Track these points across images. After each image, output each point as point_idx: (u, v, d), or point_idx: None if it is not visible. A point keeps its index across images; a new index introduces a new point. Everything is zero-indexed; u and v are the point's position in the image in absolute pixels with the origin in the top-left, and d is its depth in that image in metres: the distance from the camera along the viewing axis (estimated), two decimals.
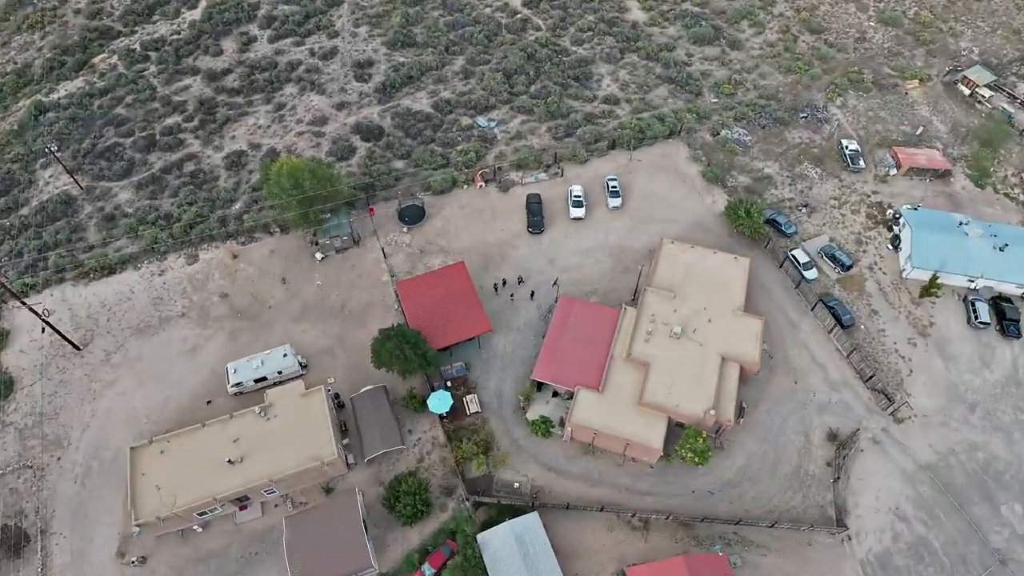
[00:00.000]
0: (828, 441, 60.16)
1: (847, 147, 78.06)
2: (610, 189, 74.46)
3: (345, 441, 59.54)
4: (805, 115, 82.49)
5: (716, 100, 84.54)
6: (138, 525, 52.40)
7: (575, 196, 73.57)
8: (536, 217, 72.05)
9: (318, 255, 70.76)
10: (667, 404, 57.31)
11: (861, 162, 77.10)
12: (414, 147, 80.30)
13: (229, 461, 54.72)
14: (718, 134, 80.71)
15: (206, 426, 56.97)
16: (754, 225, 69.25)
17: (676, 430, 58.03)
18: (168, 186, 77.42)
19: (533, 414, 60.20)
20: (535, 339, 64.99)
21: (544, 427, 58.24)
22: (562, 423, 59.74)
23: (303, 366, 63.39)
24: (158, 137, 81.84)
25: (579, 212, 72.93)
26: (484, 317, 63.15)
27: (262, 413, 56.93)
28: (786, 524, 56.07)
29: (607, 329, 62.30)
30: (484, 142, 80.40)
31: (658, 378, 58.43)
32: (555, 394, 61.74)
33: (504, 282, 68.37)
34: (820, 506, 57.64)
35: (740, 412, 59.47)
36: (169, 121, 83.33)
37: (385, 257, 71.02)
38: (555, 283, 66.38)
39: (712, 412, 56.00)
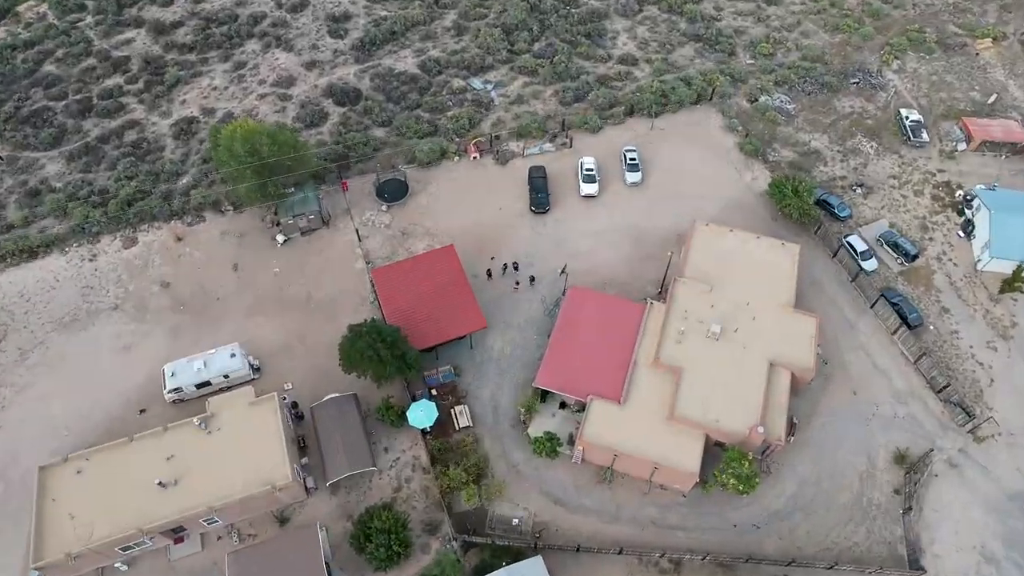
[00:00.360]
0: (895, 464, 52.59)
1: (907, 118, 70.73)
2: (628, 161, 66.96)
3: (304, 460, 51.78)
4: (856, 80, 75.19)
5: (752, 62, 77.25)
6: (37, 568, 44.50)
7: (587, 169, 66.07)
8: (540, 194, 64.50)
9: (279, 237, 63.08)
10: (704, 419, 49.70)
11: (924, 135, 69.74)
12: (396, 113, 72.86)
13: (160, 484, 46.94)
14: (756, 100, 73.41)
15: (134, 440, 49.17)
16: (803, 206, 61.79)
17: (715, 451, 50.42)
18: (105, 157, 69.70)
19: (536, 430, 52.54)
20: (539, 338, 57.42)
21: (549, 446, 50.53)
22: (572, 441, 52.09)
23: (255, 369, 55.66)
24: (95, 101, 74.16)
25: (591, 188, 65.43)
26: (477, 311, 55.56)
27: (202, 425, 49.17)
28: (848, 565, 48.52)
29: (628, 328, 54.72)
30: (479, 107, 72.95)
31: (693, 387, 50.83)
32: (563, 405, 54.09)
33: (505, 267, 60.81)
34: (888, 543, 50.07)
35: (791, 429, 51.88)
36: (109, 82, 75.67)
37: (360, 240, 63.42)
38: (563, 271, 58.73)
39: (760, 429, 48.39)
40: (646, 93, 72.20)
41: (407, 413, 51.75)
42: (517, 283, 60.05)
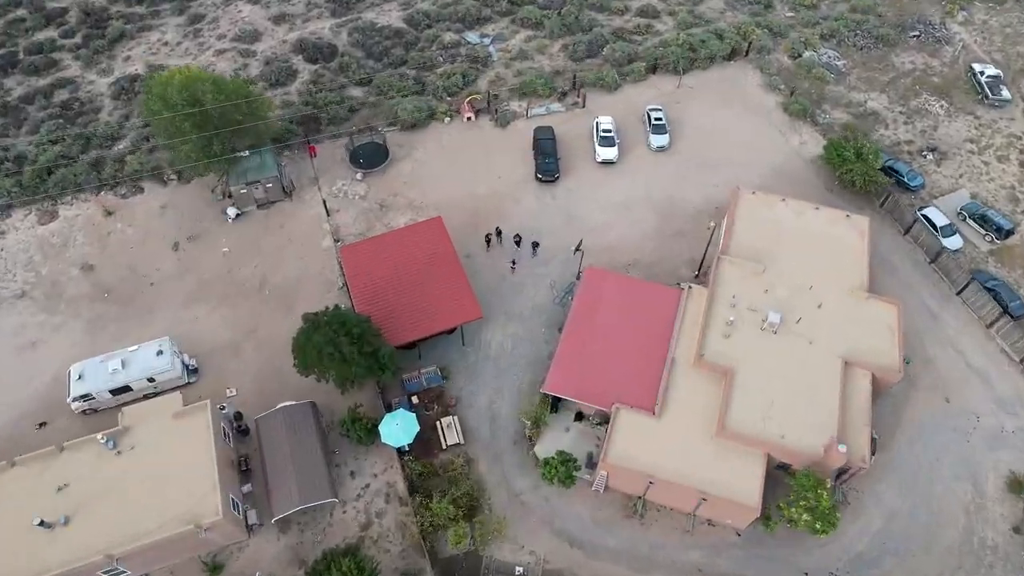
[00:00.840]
0: (1010, 492, 40.61)
1: (981, 73, 59.13)
2: (653, 122, 55.26)
3: (246, 488, 39.75)
4: (916, 33, 63.66)
5: (792, 14, 65.75)
6: None
7: (604, 131, 54.36)
8: (548, 158, 52.73)
9: (230, 211, 51.21)
10: (764, 434, 37.79)
11: (1004, 92, 58.10)
12: (378, 71, 61.23)
13: (42, 523, 34.92)
14: (799, 56, 61.83)
15: (16, 466, 37.16)
16: (868, 172, 50.08)
17: (776, 476, 38.50)
18: (28, 119, 58.00)
19: (546, 449, 40.57)
20: (548, 332, 45.53)
21: (563, 470, 38.50)
22: (592, 463, 40.13)
23: (191, 371, 43.71)
24: (21, 55, 62.54)
25: (610, 153, 53.69)
26: (471, 298, 43.69)
27: (109, 444, 37.22)
28: None
29: (662, 318, 42.84)
30: (475, 63, 61.33)
31: (748, 393, 38.94)
32: (580, 417, 42.12)
33: (518, 240, 49.18)
34: None
35: (872, 446, 39.88)
36: (40, 36, 64.07)
37: (328, 214, 51.60)
38: (577, 248, 46.75)
39: (842, 448, 36.42)
40: (672, 46, 60.54)
41: (379, 427, 39.76)
42: (514, 263, 48.10)
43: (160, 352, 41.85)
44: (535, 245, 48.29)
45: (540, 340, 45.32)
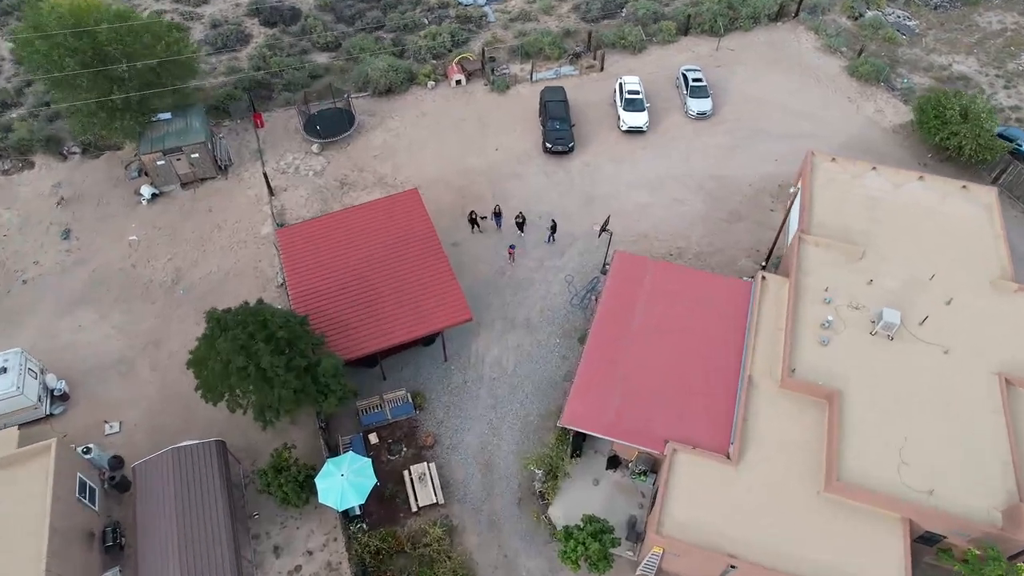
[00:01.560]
0: None
1: None
2: (691, 83, 43.23)
3: (112, 573, 25.94)
4: None
5: None
6: None
7: (630, 93, 42.27)
8: (560, 126, 40.46)
9: (145, 191, 38.66)
10: (901, 490, 24.38)
11: None
12: (349, 35, 49.61)
13: None
14: (861, 16, 50.40)
15: None
16: (980, 136, 37.78)
17: (917, 551, 24.95)
18: None
19: (566, 511, 27.06)
20: (564, 343, 32.49)
21: (594, 546, 24.70)
22: (637, 534, 26.53)
23: (58, 396, 30.36)
24: None
25: (638, 119, 41.50)
26: (457, 295, 30.74)
27: None
28: None
29: (726, 320, 29.88)
30: (467, 24, 49.77)
31: (867, 427, 25.75)
32: (615, 463, 28.65)
33: (521, 221, 36.45)
34: None
35: None
36: None
37: (271, 193, 39.00)
38: (603, 228, 33.83)
39: None
40: (707, 3, 49.09)
41: (316, 479, 26.21)
42: (512, 248, 35.39)
43: (5, 369, 28.53)
44: (552, 228, 35.52)
45: (554, 354, 32.21)
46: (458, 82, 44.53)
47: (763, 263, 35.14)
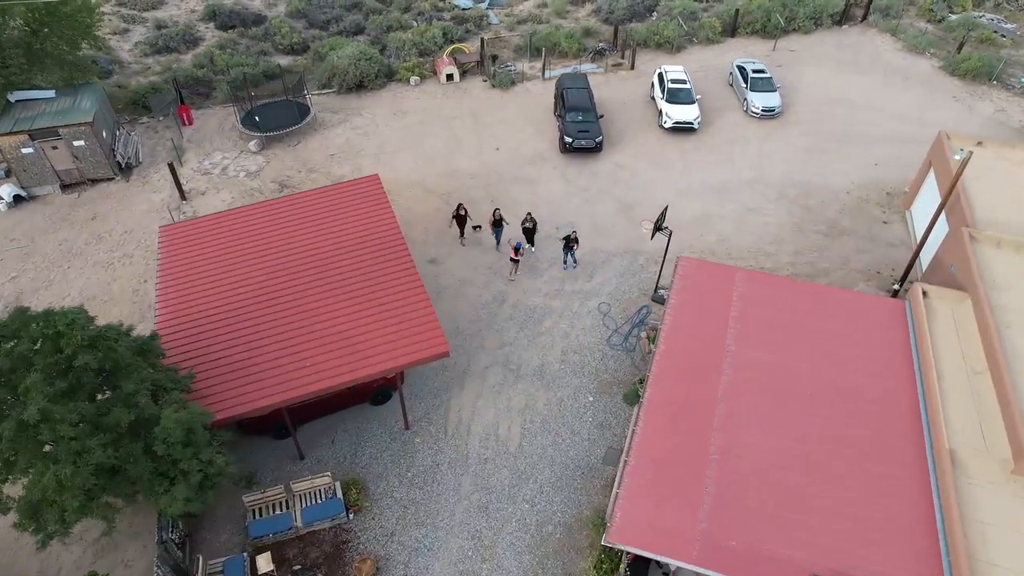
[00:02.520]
0: None
1: None
2: (752, 76, 32.99)
3: None
4: None
5: None
6: None
7: (674, 82, 31.93)
8: (583, 116, 29.71)
9: (5, 191, 27.58)
10: None
11: None
12: (322, 38, 40.36)
13: None
14: (943, 19, 41.16)
15: None
16: None
17: None
18: None
19: None
20: (599, 402, 19.98)
21: None
22: None
23: None
24: None
25: (686, 112, 30.91)
26: (430, 319, 18.46)
27: None
28: None
29: (878, 358, 17.44)
30: (463, 24, 40.62)
31: None
32: None
33: (530, 226, 24.92)
34: None
35: None
36: None
37: (183, 197, 27.80)
38: (657, 227, 21.94)
39: None
40: (754, 2, 40.00)
41: None
42: (518, 251, 23.77)
43: None
44: (568, 245, 23.74)
45: (585, 420, 19.62)
46: (449, 77, 34.44)
47: (896, 285, 23.07)
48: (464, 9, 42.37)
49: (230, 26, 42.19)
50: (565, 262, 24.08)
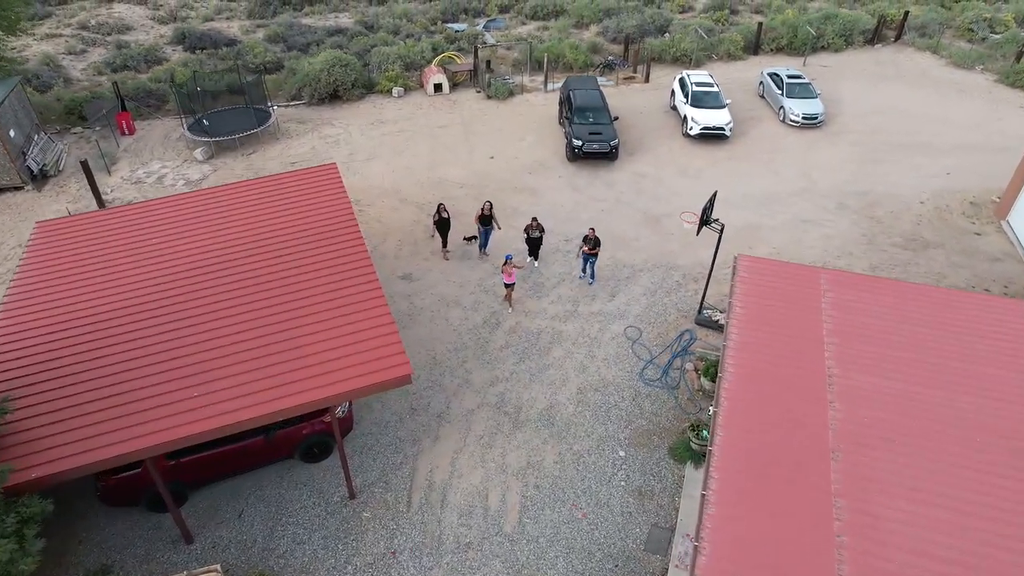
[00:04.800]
0: None
1: None
2: (787, 82, 28.36)
3: None
4: None
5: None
6: None
7: (700, 85, 27.21)
8: (595, 117, 24.72)
9: None
10: None
11: None
12: (298, 57, 36.19)
13: None
14: (985, 39, 37.29)
15: None
16: None
17: None
18: None
19: None
20: (633, 457, 13.75)
21: None
22: None
23: None
24: None
25: (716, 117, 26.00)
26: (391, 336, 12.46)
27: None
28: None
29: None
30: (455, 43, 36.64)
31: None
32: None
33: (537, 235, 19.37)
34: None
35: None
36: None
37: (101, 206, 22.31)
38: (704, 220, 16.26)
39: None
40: (780, 17, 36.23)
41: None
42: (509, 263, 18.14)
43: None
44: (588, 251, 18.08)
45: (615, 486, 13.41)
46: (437, 88, 29.78)
47: None
48: (457, 31, 38.46)
49: (199, 48, 38.18)
50: (584, 271, 18.36)
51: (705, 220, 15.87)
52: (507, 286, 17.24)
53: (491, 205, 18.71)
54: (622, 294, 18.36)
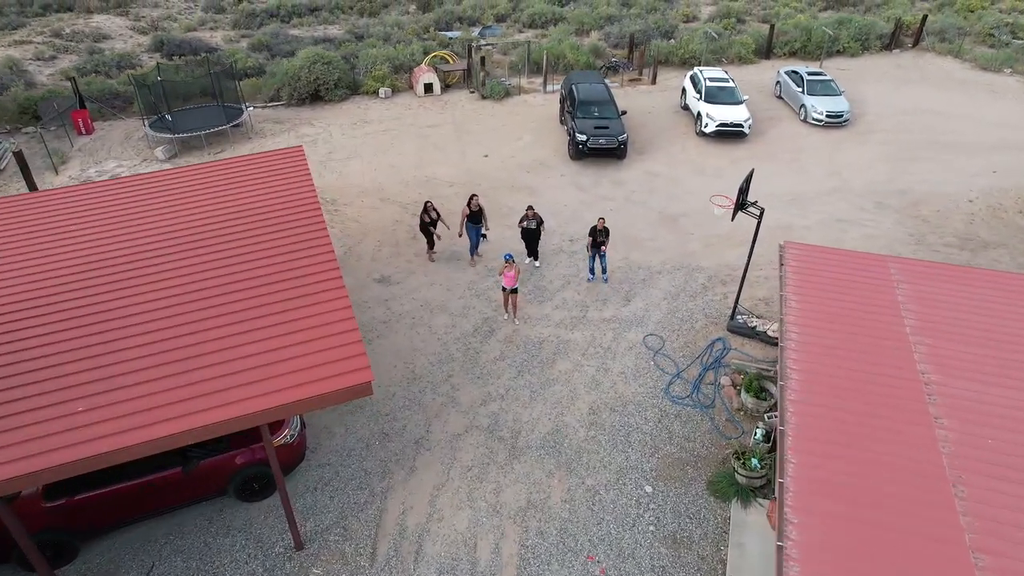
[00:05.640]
0: None
1: None
2: (811, 79, 26.01)
3: None
4: None
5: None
6: None
7: (714, 80, 24.84)
8: (599, 111, 22.23)
9: None
10: None
11: None
12: (279, 64, 33.89)
13: None
14: (1007, 45, 35.30)
15: None
16: None
17: None
18: None
19: None
20: (663, 495, 10.70)
21: None
22: None
23: None
24: None
25: (734, 113, 23.60)
26: (352, 338, 9.52)
27: None
28: None
29: None
30: (448, 47, 34.48)
31: None
32: None
33: (533, 228, 16.29)
34: None
35: None
36: None
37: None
38: (741, 203, 13.52)
39: None
40: (789, 22, 34.28)
41: None
42: (510, 263, 15.19)
43: None
44: (597, 241, 15.33)
45: (641, 532, 10.27)
46: (428, 88, 27.37)
47: None
48: (452, 38, 36.35)
49: (178, 54, 35.98)
50: (592, 269, 15.56)
51: (742, 204, 13.12)
52: (506, 291, 14.37)
53: (477, 198, 15.93)
54: (638, 298, 15.50)
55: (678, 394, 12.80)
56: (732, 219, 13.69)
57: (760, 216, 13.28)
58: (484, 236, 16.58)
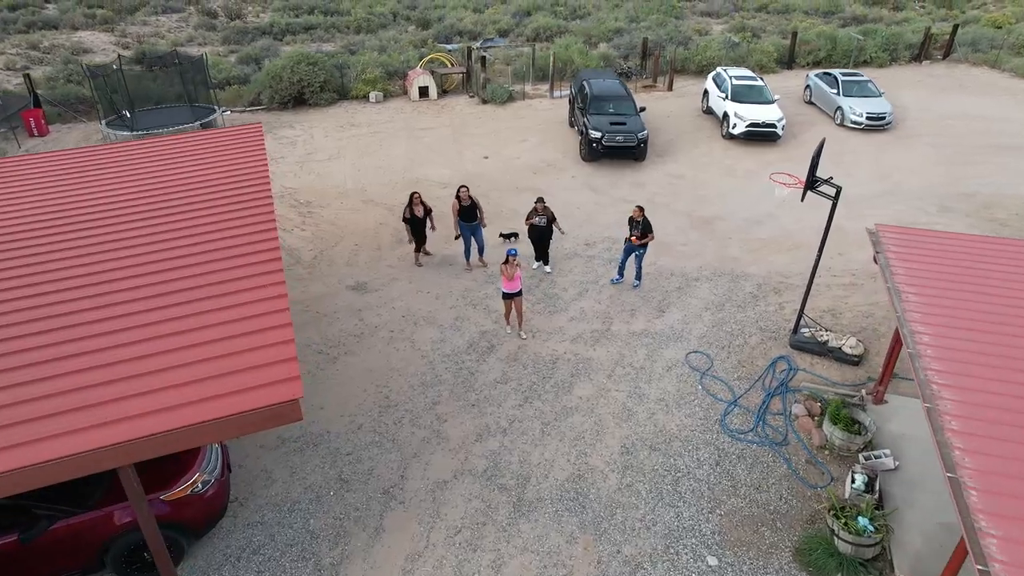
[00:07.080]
0: None
1: None
2: (846, 80, 23.46)
3: None
4: None
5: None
6: None
7: (740, 79, 22.26)
8: (615, 107, 19.53)
9: None
10: None
11: None
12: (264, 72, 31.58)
13: None
14: None
15: None
16: None
17: None
18: None
19: None
20: (729, 568, 7.09)
21: None
22: None
23: None
24: None
25: (765, 113, 20.94)
26: (279, 326, 6.41)
27: None
28: None
29: None
30: (448, 54, 32.14)
31: None
32: None
33: (544, 226, 13.11)
34: None
35: None
36: None
37: None
38: (812, 182, 10.61)
39: None
40: (812, 31, 32.09)
41: None
42: (513, 258, 12.16)
43: None
44: (636, 241, 12.45)
45: None
46: (423, 92, 24.82)
47: None
48: (451, 50, 34.07)
49: (158, 67, 33.66)
50: (621, 273, 12.56)
51: (812, 182, 10.19)
52: (507, 296, 11.30)
53: (466, 188, 12.98)
54: (674, 308, 12.44)
55: (738, 427, 9.63)
56: (802, 199, 10.77)
57: (836, 196, 10.34)
58: (482, 225, 13.57)
